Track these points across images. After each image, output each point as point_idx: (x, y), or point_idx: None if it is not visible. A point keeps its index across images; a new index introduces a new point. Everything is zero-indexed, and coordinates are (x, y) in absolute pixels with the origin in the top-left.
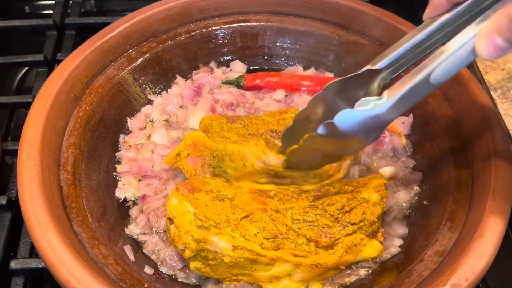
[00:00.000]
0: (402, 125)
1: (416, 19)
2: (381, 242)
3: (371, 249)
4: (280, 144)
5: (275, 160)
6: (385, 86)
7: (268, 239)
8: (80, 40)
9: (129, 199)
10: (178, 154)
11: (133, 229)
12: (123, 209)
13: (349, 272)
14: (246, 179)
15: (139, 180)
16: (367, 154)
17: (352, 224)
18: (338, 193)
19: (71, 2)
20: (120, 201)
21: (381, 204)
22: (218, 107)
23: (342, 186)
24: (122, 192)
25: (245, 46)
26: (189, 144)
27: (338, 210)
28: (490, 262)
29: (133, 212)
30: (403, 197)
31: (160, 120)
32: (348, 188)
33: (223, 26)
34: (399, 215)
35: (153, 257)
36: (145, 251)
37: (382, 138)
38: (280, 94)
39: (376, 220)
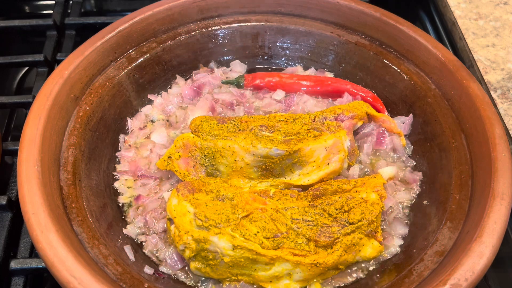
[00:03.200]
0: (402, 125)
1: (416, 19)
2: (380, 242)
3: (370, 249)
4: (269, 135)
5: (264, 150)
6: None
7: (268, 238)
8: (80, 40)
9: (125, 201)
10: (169, 157)
11: (131, 230)
12: (123, 209)
13: (348, 272)
14: (239, 175)
15: (135, 180)
16: (367, 154)
17: (350, 224)
18: (336, 191)
19: (71, 2)
20: (120, 202)
21: (380, 204)
22: (217, 107)
23: (340, 184)
24: (121, 193)
25: (245, 46)
26: (180, 146)
27: (337, 209)
28: (490, 262)
29: (131, 213)
30: (403, 197)
31: (160, 119)
32: (346, 187)
33: (223, 26)
34: (399, 215)
35: (153, 258)
36: (145, 250)
37: (381, 138)
38: (280, 94)
39: (374, 219)
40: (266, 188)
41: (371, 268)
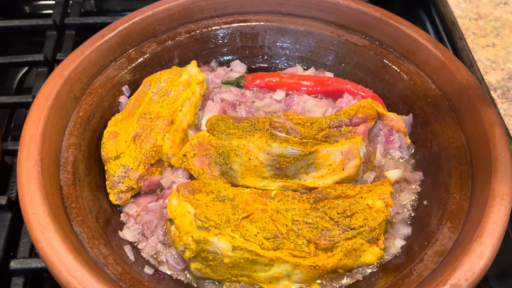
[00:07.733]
0: None
1: (416, 19)
2: (382, 249)
3: (371, 255)
4: (285, 136)
5: (279, 149)
6: None
7: (268, 239)
8: (80, 40)
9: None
10: (184, 155)
11: (127, 233)
12: (122, 210)
13: (348, 272)
14: (252, 174)
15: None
16: (380, 153)
17: (351, 229)
18: (339, 196)
19: (71, 2)
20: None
21: (385, 212)
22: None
23: (344, 189)
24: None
25: (245, 46)
26: (195, 144)
27: (338, 214)
28: (490, 262)
29: (130, 222)
30: (406, 197)
31: None
32: (350, 193)
33: (223, 26)
34: (402, 216)
35: (152, 259)
36: (143, 253)
37: (390, 137)
38: (280, 94)
39: (377, 226)
40: (278, 187)
41: (371, 268)
